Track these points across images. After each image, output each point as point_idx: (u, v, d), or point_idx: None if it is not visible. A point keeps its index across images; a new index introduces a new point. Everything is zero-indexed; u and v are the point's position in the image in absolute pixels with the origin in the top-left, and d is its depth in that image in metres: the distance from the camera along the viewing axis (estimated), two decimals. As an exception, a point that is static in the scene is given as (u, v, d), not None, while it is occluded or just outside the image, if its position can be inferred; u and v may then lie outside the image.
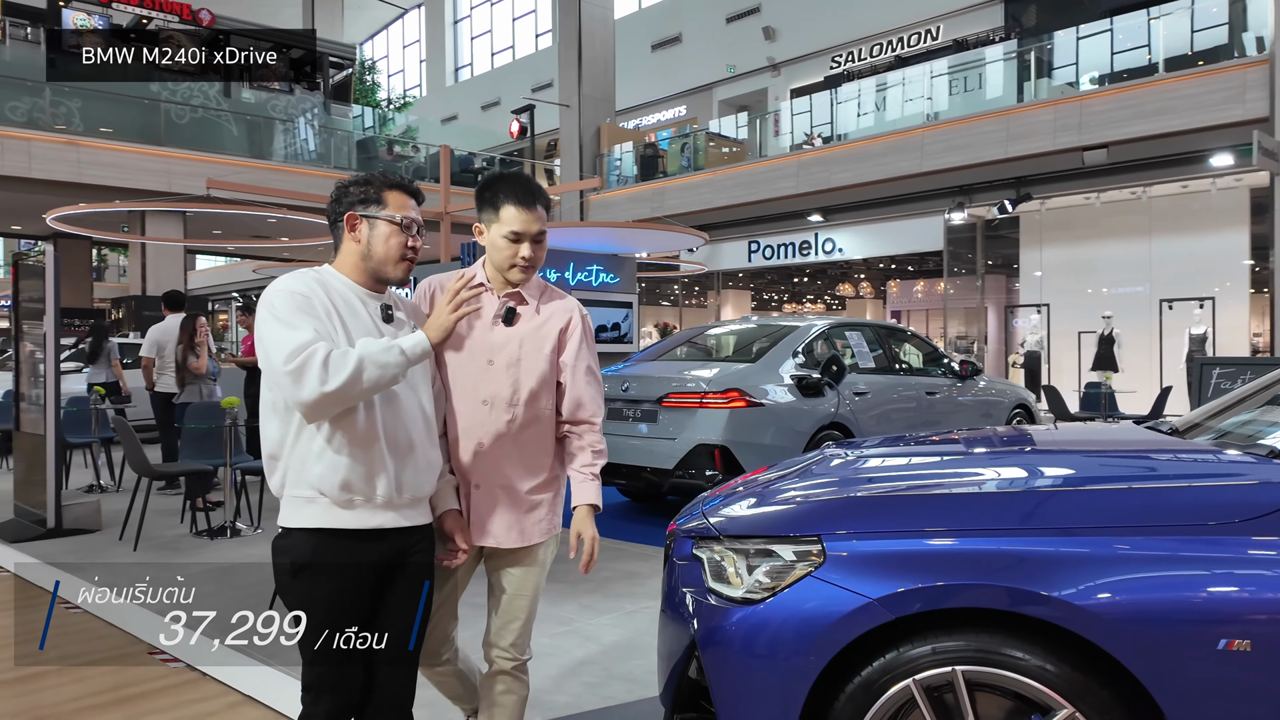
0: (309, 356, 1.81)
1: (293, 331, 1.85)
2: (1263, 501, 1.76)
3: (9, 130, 14.54)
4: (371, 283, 2.06)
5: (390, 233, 2.02)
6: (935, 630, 1.82)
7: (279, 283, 1.98)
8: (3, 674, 3.51)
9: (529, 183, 2.23)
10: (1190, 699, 1.65)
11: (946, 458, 2.59)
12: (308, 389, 1.80)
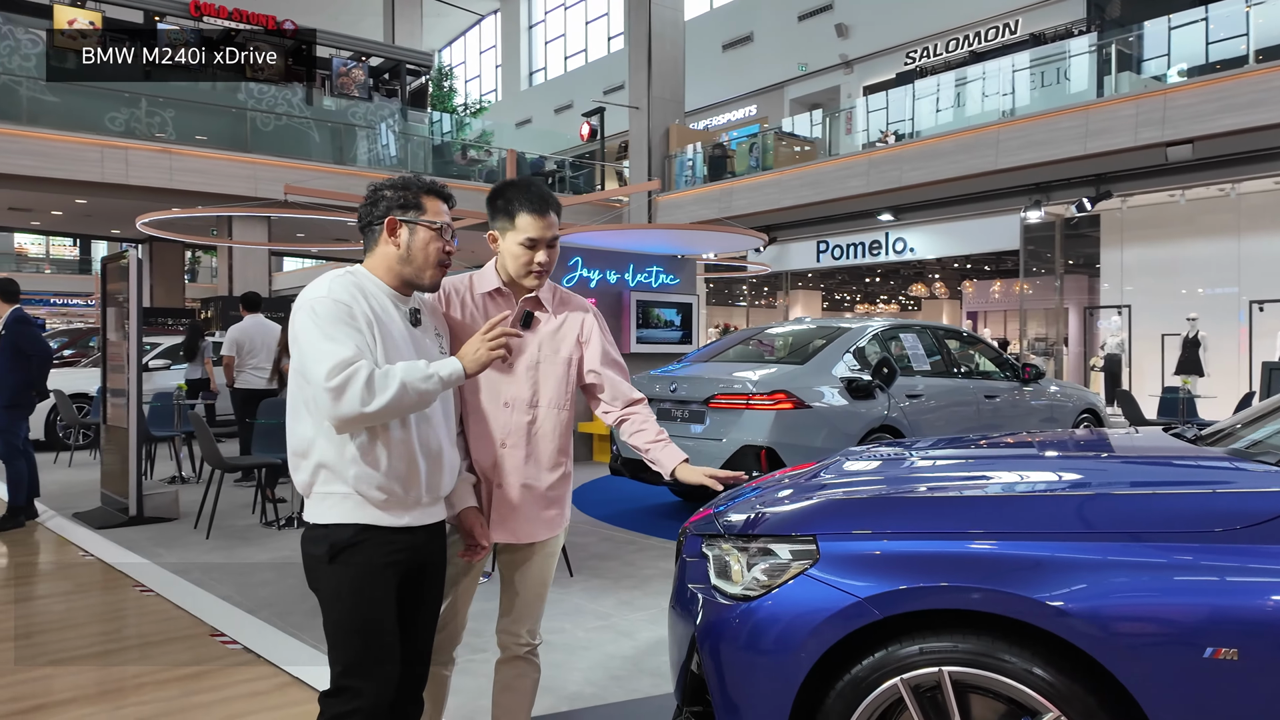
0: (352, 375, 1.83)
1: (336, 345, 1.86)
2: (1257, 510, 1.72)
3: (109, 140, 15.37)
4: (402, 286, 2.07)
5: (430, 238, 2.04)
6: (925, 631, 1.84)
7: (320, 288, 1.97)
8: (89, 648, 3.77)
9: (541, 189, 2.28)
10: (1175, 707, 1.63)
11: (952, 461, 2.58)
12: (347, 407, 1.83)
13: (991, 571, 1.79)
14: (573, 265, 9.19)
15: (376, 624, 1.96)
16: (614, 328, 9.49)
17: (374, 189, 2.07)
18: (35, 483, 6.22)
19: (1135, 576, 1.70)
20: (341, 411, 1.84)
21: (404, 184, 2.07)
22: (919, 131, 16.58)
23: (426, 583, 2.09)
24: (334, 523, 1.96)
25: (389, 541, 1.97)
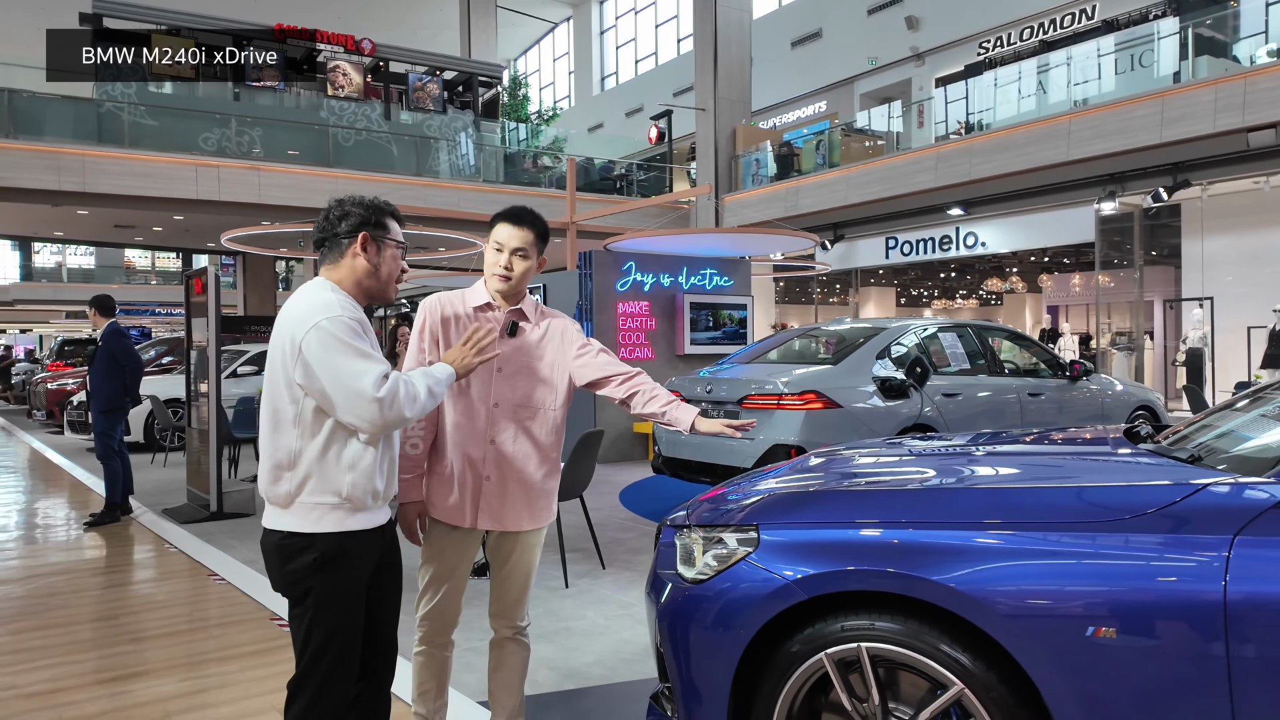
0: (395, 384, 1.98)
1: (369, 361, 1.98)
2: (1141, 502, 1.86)
3: (203, 159, 16.31)
4: (361, 298, 2.17)
5: (395, 255, 2.20)
6: (849, 610, 2.03)
7: (324, 309, 2.03)
8: (169, 628, 4.21)
9: (523, 209, 2.57)
10: (1062, 682, 1.78)
11: (897, 458, 2.74)
12: (394, 414, 1.96)
13: (901, 556, 1.96)
14: (626, 270, 9.46)
15: (354, 625, 2.10)
16: (667, 330, 9.73)
17: (341, 204, 2.15)
18: (130, 481, 6.81)
19: (1030, 562, 1.86)
20: (389, 418, 1.96)
21: (371, 204, 2.17)
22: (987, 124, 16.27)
23: (387, 573, 2.21)
24: (323, 532, 2.04)
25: (367, 544, 2.10)
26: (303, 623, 2.06)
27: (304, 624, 2.06)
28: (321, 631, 2.05)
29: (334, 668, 2.06)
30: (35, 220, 18.70)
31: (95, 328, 6.78)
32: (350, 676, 2.10)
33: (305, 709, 2.05)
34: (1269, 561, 1.69)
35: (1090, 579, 1.80)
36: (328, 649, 2.05)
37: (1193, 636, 1.69)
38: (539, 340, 2.58)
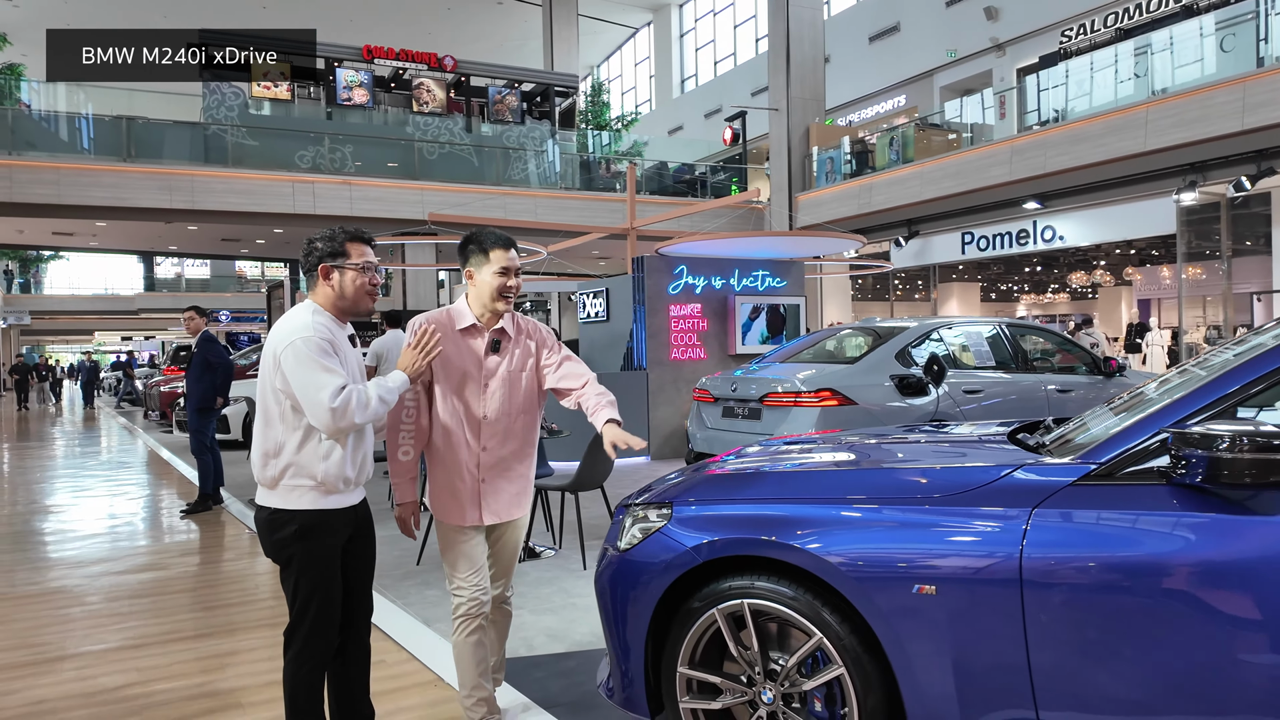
0: (348, 396, 2.37)
1: (330, 375, 2.37)
2: (968, 481, 2.15)
3: (299, 176, 17.43)
4: (341, 316, 2.57)
5: (355, 276, 2.53)
6: (739, 572, 2.39)
7: (304, 328, 2.43)
8: (243, 598, 4.83)
9: (503, 233, 2.84)
10: (896, 633, 2.10)
11: (818, 447, 3.05)
12: (345, 421, 2.36)
13: (778, 527, 2.31)
14: (678, 274, 9.83)
15: (333, 586, 2.51)
16: (719, 331, 10.06)
17: (310, 242, 2.55)
18: (220, 474, 7.58)
19: (874, 531, 2.19)
20: (341, 425, 2.37)
21: (331, 235, 2.55)
22: (1080, 111, 15.77)
23: (360, 545, 2.64)
24: (302, 509, 2.46)
25: (339, 519, 2.53)
26: (290, 583, 2.50)
27: (291, 584, 2.50)
28: (305, 590, 2.48)
29: (317, 619, 2.49)
30: (152, 236, 20.29)
31: (192, 334, 7.57)
32: (332, 626, 2.53)
33: (298, 652, 2.50)
34: (1058, 530, 1.98)
35: (917, 545, 2.12)
36: (311, 603, 2.48)
37: (995, 593, 2.00)
38: (520, 353, 2.86)
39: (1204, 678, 1.83)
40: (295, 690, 2.52)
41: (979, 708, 2.03)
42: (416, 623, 4.22)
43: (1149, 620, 1.87)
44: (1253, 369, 1.94)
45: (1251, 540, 1.81)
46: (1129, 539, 1.92)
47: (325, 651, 2.54)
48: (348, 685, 2.68)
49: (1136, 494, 1.95)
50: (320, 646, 2.52)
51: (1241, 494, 1.82)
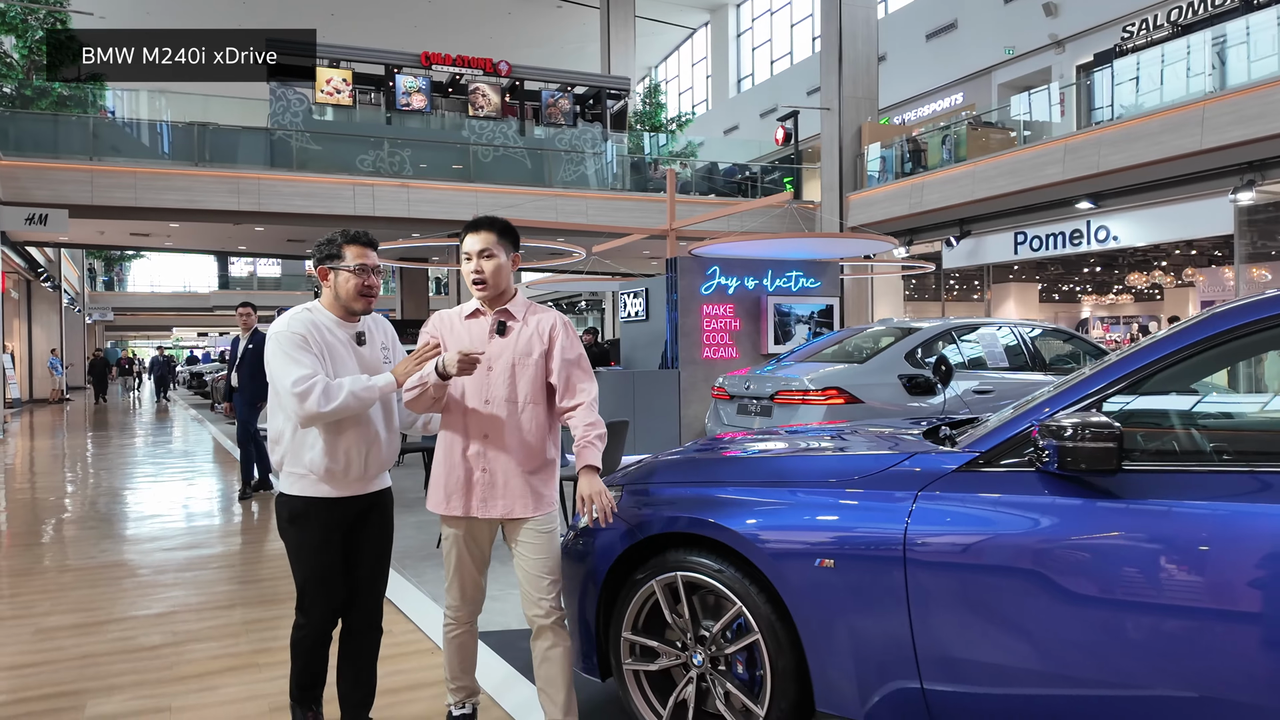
0: (312, 384, 2.45)
1: (298, 366, 2.47)
2: (868, 468, 2.36)
3: (360, 179, 18.09)
4: (344, 314, 2.66)
5: (349, 277, 2.61)
6: (678, 548, 2.63)
7: (282, 324, 2.57)
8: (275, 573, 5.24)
9: (480, 218, 2.76)
10: (802, 601, 2.32)
11: (763, 438, 3.26)
12: (311, 407, 2.44)
13: (709, 507, 2.54)
14: (710, 274, 10.04)
15: (323, 569, 2.62)
16: (752, 331, 10.24)
17: (316, 245, 2.68)
18: (267, 462, 8.07)
19: (787, 511, 2.41)
20: (305, 410, 2.45)
21: (330, 239, 2.66)
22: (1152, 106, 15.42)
23: (366, 535, 2.71)
24: (293, 494, 2.61)
25: (330, 509, 2.61)
26: (292, 565, 2.71)
27: (292, 565, 2.71)
28: (299, 572, 2.67)
29: (314, 599, 2.66)
30: (222, 236, 21.23)
31: (245, 330, 8.06)
32: (329, 605, 2.67)
33: (297, 624, 2.71)
34: (937, 511, 2.18)
35: (821, 524, 2.34)
36: (306, 585, 2.66)
37: (883, 568, 2.21)
38: (528, 338, 2.70)
39: (1061, 647, 2.01)
40: (295, 657, 2.73)
41: (871, 676, 2.25)
42: (425, 598, 4.55)
43: (1015, 595, 2.06)
44: (1114, 370, 2.11)
45: (1100, 521, 1.99)
46: (997, 520, 2.11)
47: (322, 627, 2.69)
48: (354, 659, 2.79)
49: (1009, 479, 2.14)
50: (316, 622, 2.68)
51: (1101, 479, 2.00)
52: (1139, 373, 2.08)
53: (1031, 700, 2.06)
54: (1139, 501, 1.94)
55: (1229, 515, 1.86)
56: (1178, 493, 1.93)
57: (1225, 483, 1.94)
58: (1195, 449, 2.32)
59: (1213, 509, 1.88)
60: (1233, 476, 1.96)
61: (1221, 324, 2.02)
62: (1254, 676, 1.79)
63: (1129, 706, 1.95)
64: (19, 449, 13.20)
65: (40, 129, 17.18)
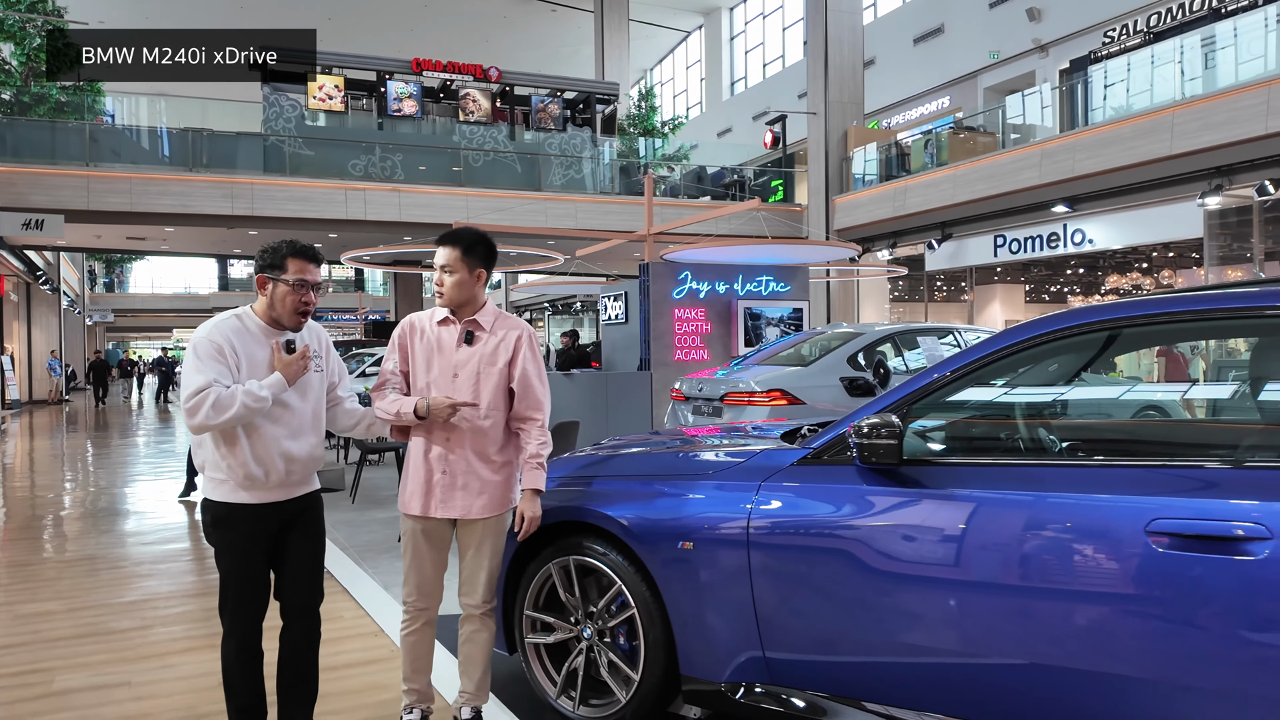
0: (204, 396, 2.43)
1: (197, 376, 2.45)
2: (726, 462, 2.69)
3: (352, 183, 18.41)
4: (273, 324, 2.62)
5: (286, 292, 2.57)
6: (569, 535, 2.96)
7: (203, 330, 2.56)
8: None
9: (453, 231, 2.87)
10: (669, 579, 2.65)
11: (661, 435, 3.59)
12: (198, 420, 2.45)
13: (598, 497, 2.87)
14: (682, 279, 10.36)
15: (248, 572, 2.60)
16: (723, 334, 10.56)
17: (259, 251, 2.62)
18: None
19: (659, 500, 2.73)
20: (194, 422, 2.47)
21: (274, 249, 2.60)
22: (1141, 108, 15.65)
23: (293, 538, 2.69)
24: (215, 499, 2.59)
25: (254, 514, 2.58)
26: (218, 567, 2.69)
27: (218, 568, 2.69)
28: (223, 574, 2.65)
29: (237, 601, 2.63)
30: (217, 240, 21.58)
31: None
32: (252, 607, 2.64)
33: (225, 632, 2.67)
34: (775, 500, 2.50)
35: (684, 512, 2.66)
36: (228, 587, 2.65)
37: (731, 548, 2.53)
38: (494, 347, 2.81)
39: (864, 615, 2.33)
40: (227, 668, 2.67)
41: (724, 645, 2.57)
42: (377, 587, 4.88)
43: (827, 570, 2.38)
44: (916, 381, 2.43)
45: (889, 506, 2.30)
46: (816, 506, 2.44)
47: (248, 632, 2.65)
48: (294, 662, 2.76)
49: (829, 472, 2.45)
50: (243, 627, 2.63)
51: (891, 471, 2.32)
52: (935, 384, 2.40)
53: (848, 664, 2.38)
54: (919, 489, 2.27)
55: (991, 501, 2.17)
56: (954, 482, 2.25)
57: (992, 474, 2.26)
58: (976, 445, 2.67)
59: (979, 496, 2.19)
60: (998, 469, 2.29)
61: (1005, 340, 2.34)
62: (1008, 635, 2.11)
63: (923, 668, 2.26)
64: (17, 449, 13.55)
65: (37, 135, 17.52)
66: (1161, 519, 1.90)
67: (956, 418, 2.60)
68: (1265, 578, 1.78)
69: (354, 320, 31.59)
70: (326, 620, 2.88)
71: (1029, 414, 2.65)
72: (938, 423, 2.53)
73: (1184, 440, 2.56)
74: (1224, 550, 1.83)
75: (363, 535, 6.18)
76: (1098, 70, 16.49)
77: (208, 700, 3.34)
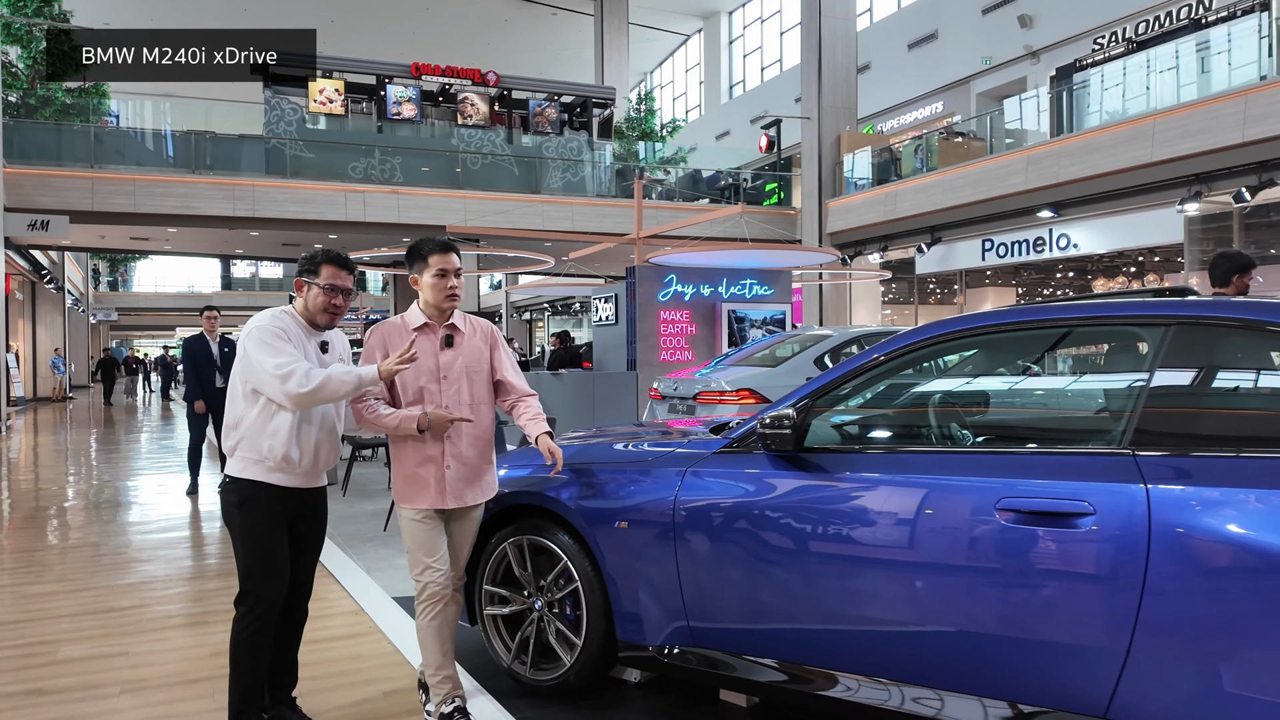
0: (295, 367, 2.61)
1: (279, 354, 2.64)
2: (660, 452, 3.01)
3: (351, 185, 18.71)
4: (310, 324, 2.84)
5: (318, 294, 2.79)
6: (523, 516, 3.27)
7: (263, 319, 2.74)
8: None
9: (446, 240, 3.01)
10: (609, 555, 2.96)
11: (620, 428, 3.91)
12: (290, 387, 2.58)
13: (549, 483, 3.18)
14: (667, 282, 10.67)
15: (270, 554, 2.72)
16: (707, 336, 10.87)
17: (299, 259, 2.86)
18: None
19: (603, 486, 3.05)
20: (287, 390, 2.59)
21: (310, 256, 2.84)
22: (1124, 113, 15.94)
23: (306, 528, 2.89)
24: (245, 478, 2.73)
25: (279, 498, 2.74)
26: (236, 550, 2.81)
27: (236, 551, 2.81)
28: (245, 554, 2.77)
29: (259, 583, 2.74)
30: (219, 241, 21.94)
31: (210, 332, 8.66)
32: (273, 589, 2.76)
33: (242, 614, 2.78)
34: (696, 484, 2.81)
35: (621, 495, 2.98)
36: (251, 569, 2.76)
37: (660, 527, 2.85)
38: (473, 348, 3.01)
39: (766, 586, 2.65)
40: (237, 651, 2.76)
41: (656, 615, 2.88)
42: (360, 570, 5.20)
43: (737, 546, 2.70)
44: (824, 377, 2.75)
45: (787, 488, 2.63)
46: (729, 489, 2.76)
47: (266, 612, 2.75)
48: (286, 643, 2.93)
49: (742, 459, 2.77)
50: (263, 609, 2.75)
51: (790, 457, 2.64)
52: (833, 383, 2.72)
53: (753, 627, 2.70)
54: (812, 473, 2.60)
55: (870, 482, 2.49)
56: (843, 466, 2.56)
57: (874, 460, 2.58)
58: (864, 434, 2.99)
59: (861, 478, 2.50)
60: (879, 455, 2.62)
61: (889, 346, 2.66)
62: (883, 598, 2.43)
63: (814, 630, 2.58)
64: (22, 444, 13.91)
65: (44, 137, 17.87)
66: (1008, 497, 2.22)
67: (850, 410, 2.91)
68: (1088, 546, 2.09)
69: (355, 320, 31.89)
70: (313, 599, 3.07)
71: (906, 407, 2.97)
72: (837, 415, 2.84)
73: (1030, 429, 2.90)
74: (1057, 524, 2.14)
75: (349, 525, 6.49)
76: (1082, 78, 16.78)
77: (198, 668, 3.66)
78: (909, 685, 2.36)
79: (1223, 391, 2.30)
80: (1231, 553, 1.94)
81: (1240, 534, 1.93)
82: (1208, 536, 1.96)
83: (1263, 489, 1.94)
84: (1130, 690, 2.04)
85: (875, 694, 2.42)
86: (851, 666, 2.48)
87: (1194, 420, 2.19)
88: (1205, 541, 1.96)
